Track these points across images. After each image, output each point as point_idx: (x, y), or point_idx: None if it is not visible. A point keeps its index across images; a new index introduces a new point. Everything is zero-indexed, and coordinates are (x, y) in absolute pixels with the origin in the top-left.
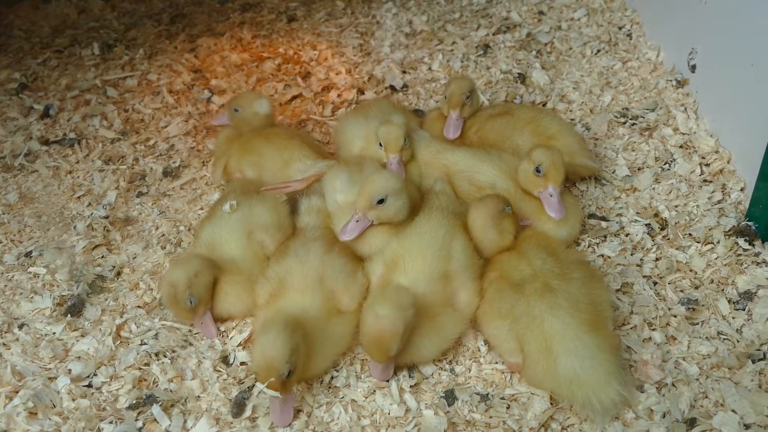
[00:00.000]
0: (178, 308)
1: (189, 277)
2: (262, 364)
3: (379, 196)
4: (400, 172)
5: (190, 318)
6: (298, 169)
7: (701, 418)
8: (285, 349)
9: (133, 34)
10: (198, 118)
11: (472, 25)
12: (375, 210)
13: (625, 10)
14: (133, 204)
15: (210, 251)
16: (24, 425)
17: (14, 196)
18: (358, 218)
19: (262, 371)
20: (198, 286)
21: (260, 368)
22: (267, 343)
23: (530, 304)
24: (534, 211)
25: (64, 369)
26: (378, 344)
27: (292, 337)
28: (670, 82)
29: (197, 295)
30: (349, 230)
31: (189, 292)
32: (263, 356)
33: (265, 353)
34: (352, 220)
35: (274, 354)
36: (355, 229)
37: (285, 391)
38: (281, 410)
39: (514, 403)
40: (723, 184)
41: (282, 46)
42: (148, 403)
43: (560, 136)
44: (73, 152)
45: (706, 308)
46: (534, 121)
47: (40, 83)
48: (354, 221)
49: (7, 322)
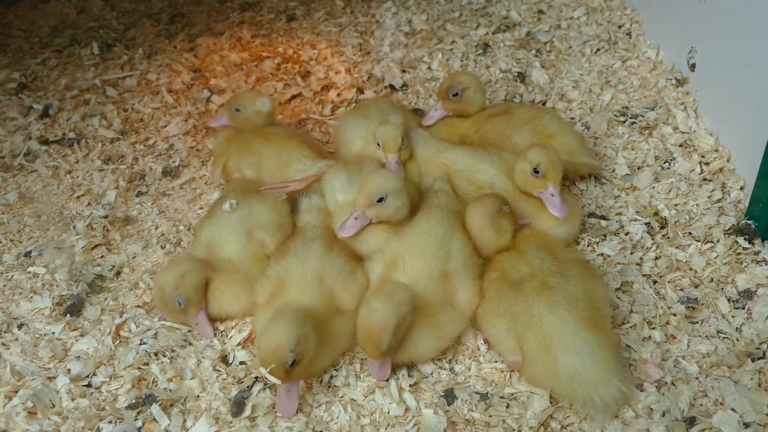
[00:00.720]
0: (167, 310)
1: (176, 279)
2: (267, 350)
3: (378, 194)
4: (398, 171)
5: (183, 319)
6: (298, 169)
7: (701, 416)
8: (292, 337)
9: (133, 34)
10: (197, 117)
11: (472, 24)
12: (374, 208)
13: (624, 9)
14: (133, 203)
15: (209, 250)
16: (23, 425)
17: (14, 196)
18: (357, 215)
19: (267, 357)
20: (186, 287)
21: (265, 354)
22: (275, 329)
23: (528, 302)
24: (533, 210)
25: (64, 369)
26: (369, 337)
27: (301, 327)
28: (669, 80)
29: (186, 296)
30: (348, 227)
31: (177, 293)
32: (269, 342)
33: (272, 339)
34: (351, 217)
35: (280, 341)
36: (353, 226)
37: (287, 380)
38: (285, 399)
39: (514, 402)
40: (723, 183)
41: (281, 46)
42: (148, 402)
43: (559, 134)
44: (73, 152)
45: (706, 307)
46: (533, 120)
47: (40, 83)
48: (353, 218)
49: (6, 322)
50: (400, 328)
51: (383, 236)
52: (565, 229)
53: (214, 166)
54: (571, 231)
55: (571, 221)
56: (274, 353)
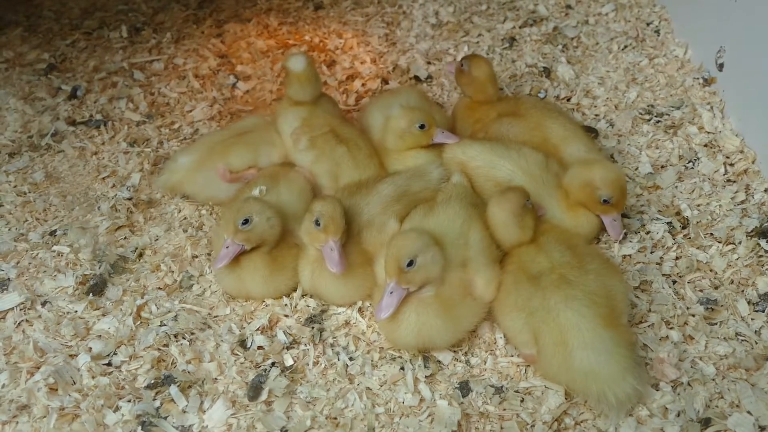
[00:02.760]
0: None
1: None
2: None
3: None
4: (452, 138)
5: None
6: None
7: (716, 418)
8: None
9: (161, 18)
10: (223, 103)
11: (499, 18)
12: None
13: (653, 6)
14: (157, 187)
15: None
16: (44, 401)
17: (40, 175)
18: (392, 289)
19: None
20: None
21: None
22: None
23: (546, 296)
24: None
25: (85, 347)
26: (397, 248)
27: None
28: (696, 80)
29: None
30: (385, 306)
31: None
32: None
33: (397, 241)
34: (386, 293)
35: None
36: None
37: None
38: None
39: (528, 396)
40: (747, 185)
41: (308, 34)
42: (166, 383)
43: (565, 144)
44: (99, 134)
45: (725, 309)
46: (539, 128)
47: (69, 64)
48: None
49: (30, 299)
50: (426, 259)
51: None
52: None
53: None
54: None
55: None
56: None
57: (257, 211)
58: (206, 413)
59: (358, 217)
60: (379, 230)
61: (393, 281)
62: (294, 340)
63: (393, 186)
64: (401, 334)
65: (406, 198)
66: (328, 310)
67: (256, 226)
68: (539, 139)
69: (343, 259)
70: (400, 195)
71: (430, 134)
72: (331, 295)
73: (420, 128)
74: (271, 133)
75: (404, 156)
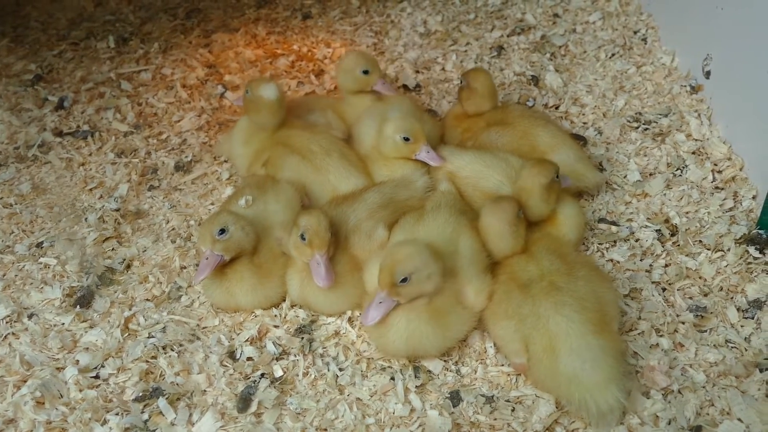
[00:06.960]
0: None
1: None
2: (385, 261)
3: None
4: (435, 161)
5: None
6: None
7: (707, 425)
8: (415, 258)
9: (149, 28)
10: (211, 113)
11: (487, 27)
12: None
13: (640, 15)
14: (145, 197)
15: None
16: (31, 414)
17: (27, 187)
18: (381, 299)
19: (384, 267)
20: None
21: (383, 265)
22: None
23: (536, 303)
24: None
25: (72, 360)
26: (391, 259)
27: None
28: (684, 87)
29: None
30: (371, 315)
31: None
32: (392, 254)
33: (395, 254)
34: (375, 301)
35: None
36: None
37: (389, 293)
38: (374, 308)
39: (519, 405)
40: (735, 192)
41: (296, 43)
42: (155, 395)
43: (553, 151)
44: (86, 144)
45: (715, 316)
46: (527, 136)
47: (56, 75)
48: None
49: (16, 312)
50: (421, 277)
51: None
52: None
53: None
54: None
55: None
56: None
57: (231, 221)
58: (195, 426)
59: (345, 225)
60: (367, 236)
61: (384, 292)
62: (283, 351)
63: (379, 194)
64: (390, 340)
65: (393, 205)
66: (318, 320)
67: (233, 235)
68: (527, 147)
69: (330, 272)
70: (387, 202)
71: (413, 149)
72: (320, 305)
73: (404, 140)
74: None
75: (392, 163)
